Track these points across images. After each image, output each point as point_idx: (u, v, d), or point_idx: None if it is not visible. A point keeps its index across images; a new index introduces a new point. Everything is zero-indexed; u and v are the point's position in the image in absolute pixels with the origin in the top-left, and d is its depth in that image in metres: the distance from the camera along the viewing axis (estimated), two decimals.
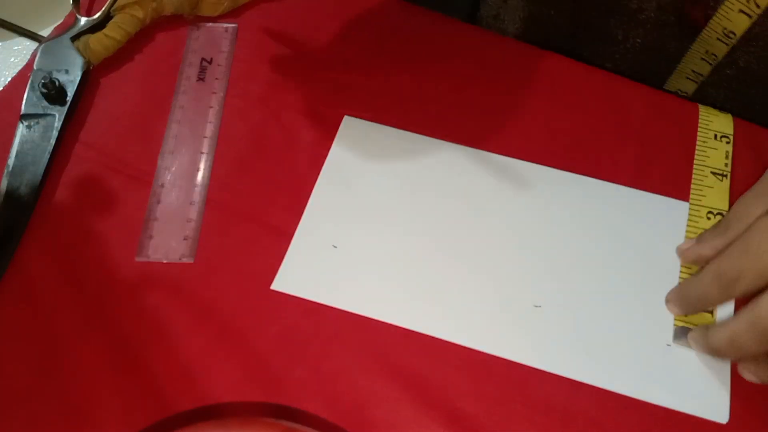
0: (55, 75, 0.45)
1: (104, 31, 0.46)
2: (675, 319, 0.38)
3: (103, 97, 0.46)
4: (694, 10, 0.47)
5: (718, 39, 0.47)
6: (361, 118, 0.45)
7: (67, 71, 0.45)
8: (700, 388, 0.36)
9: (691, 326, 0.37)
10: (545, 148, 0.43)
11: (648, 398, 0.36)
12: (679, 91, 0.51)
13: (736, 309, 0.38)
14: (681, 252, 0.40)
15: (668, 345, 0.37)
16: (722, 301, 0.36)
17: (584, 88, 0.46)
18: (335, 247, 0.40)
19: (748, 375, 0.36)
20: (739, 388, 0.36)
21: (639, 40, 0.52)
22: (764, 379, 0.35)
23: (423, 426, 0.35)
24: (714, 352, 0.36)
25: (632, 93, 0.45)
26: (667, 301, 0.38)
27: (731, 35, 0.46)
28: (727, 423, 0.35)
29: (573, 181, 0.42)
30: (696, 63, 0.49)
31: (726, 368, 0.36)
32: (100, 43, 0.46)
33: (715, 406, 0.35)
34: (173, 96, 0.45)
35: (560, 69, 0.47)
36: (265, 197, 0.42)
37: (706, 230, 0.39)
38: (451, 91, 0.46)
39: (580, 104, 0.45)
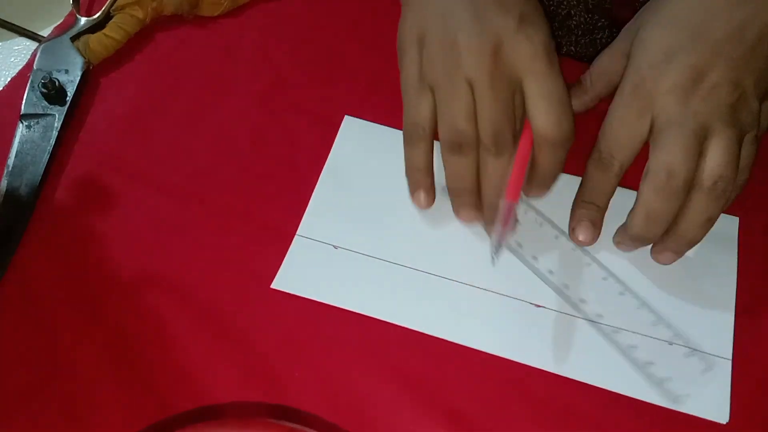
0: (55, 75, 0.45)
1: (104, 31, 0.46)
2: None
3: (103, 97, 0.46)
4: (623, 11, 0.47)
5: None
6: (361, 118, 0.45)
7: (66, 71, 0.45)
8: (701, 387, 0.36)
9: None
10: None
11: (647, 398, 0.36)
12: None
13: None
14: None
15: (669, 344, 0.37)
16: (613, 183, 0.38)
17: None
18: (336, 247, 0.40)
19: (667, 256, 0.38)
20: (739, 388, 0.36)
21: (573, 48, 0.52)
22: (680, 250, 0.37)
23: (423, 426, 0.35)
24: (638, 238, 0.37)
25: None
26: (572, 228, 0.39)
27: None
28: (727, 423, 0.35)
29: (573, 183, 0.42)
30: None
31: (726, 368, 0.36)
32: (100, 43, 0.46)
33: (716, 406, 0.35)
34: None
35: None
36: (265, 197, 0.42)
37: (571, 88, 0.41)
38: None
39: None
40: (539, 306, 0.38)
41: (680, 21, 0.37)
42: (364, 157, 0.43)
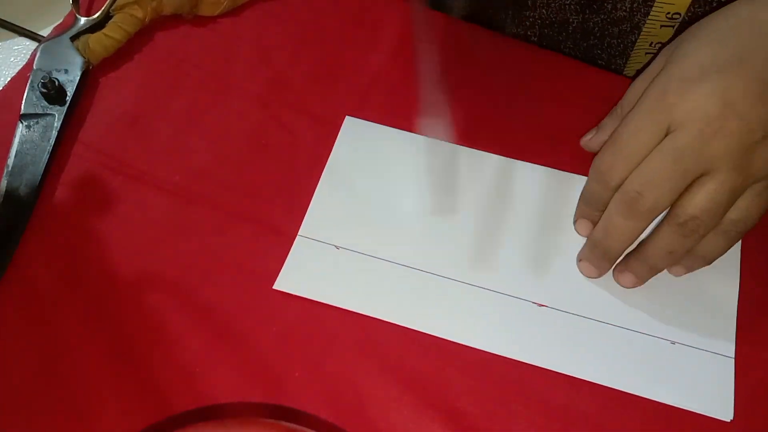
0: (55, 75, 0.45)
1: (104, 30, 0.46)
2: None
3: (103, 97, 0.46)
4: None
5: (662, 26, 0.46)
6: (361, 118, 0.45)
7: (66, 71, 0.45)
8: (704, 385, 0.36)
9: None
10: (546, 149, 0.43)
11: (651, 395, 0.36)
12: None
13: None
14: (585, 143, 0.41)
15: (672, 344, 0.37)
16: (605, 195, 0.36)
17: (589, 90, 0.45)
18: (337, 247, 0.40)
19: (627, 277, 0.37)
20: (743, 385, 0.36)
21: (544, 11, 0.50)
22: (641, 276, 0.37)
23: (423, 426, 0.35)
24: (597, 247, 0.36)
25: None
26: (576, 221, 0.39)
27: (676, 16, 0.45)
28: (731, 420, 0.35)
29: (577, 182, 0.42)
30: (643, 57, 0.49)
31: (729, 367, 0.36)
32: (100, 42, 0.46)
33: (719, 403, 0.35)
34: None
35: (560, 69, 0.46)
36: (265, 197, 0.42)
37: (606, 118, 0.40)
38: (452, 90, 0.45)
39: (578, 103, 0.45)
40: (542, 305, 0.38)
41: (723, 40, 0.34)
42: (365, 157, 0.43)
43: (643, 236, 0.36)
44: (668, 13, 0.45)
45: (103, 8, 0.46)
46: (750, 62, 0.32)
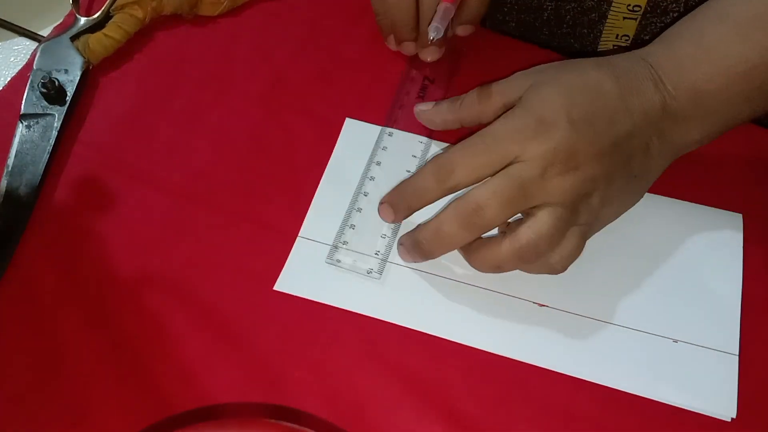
0: (55, 75, 0.45)
1: (104, 30, 0.46)
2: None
3: (103, 97, 0.46)
4: None
5: (624, 18, 0.47)
6: (361, 118, 0.44)
7: (66, 71, 0.45)
8: (707, 384, 0.36)
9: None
10: None
11: (653, 395, 0.35)
12: None
13: None
14: (418, 112, 0.43)
15: (675, 341, 0.37)
16: (438, 194, 0.37)
17: None
18: (337, 248, 0.40)
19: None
20: (746, 384, 0.36)
21: None
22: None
23: (423, 426, 0.35)
24: (418, 245, 0.37)
25: None
26: (381, 203, 0.39)
27: (636, 9, 0.46)
28: (733, 420, 0.35)
29: None
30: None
31: (733, 364, 0.36)
32: (100, 42, 0.46)
33: (722, 402, 0.35)
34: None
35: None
36: (265, 197, 0.42)
37: (446, 100, 0.42)
38: (453, 91, 0.45)
39: None
40: (542, 305, 0.38)
41: (575, 98, 0.36)
42: (365, 159, 0.43)
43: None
44: (629, 5, 0.46)
45: (103, 8, 0.46)
46: (594, 127, 0.35)
